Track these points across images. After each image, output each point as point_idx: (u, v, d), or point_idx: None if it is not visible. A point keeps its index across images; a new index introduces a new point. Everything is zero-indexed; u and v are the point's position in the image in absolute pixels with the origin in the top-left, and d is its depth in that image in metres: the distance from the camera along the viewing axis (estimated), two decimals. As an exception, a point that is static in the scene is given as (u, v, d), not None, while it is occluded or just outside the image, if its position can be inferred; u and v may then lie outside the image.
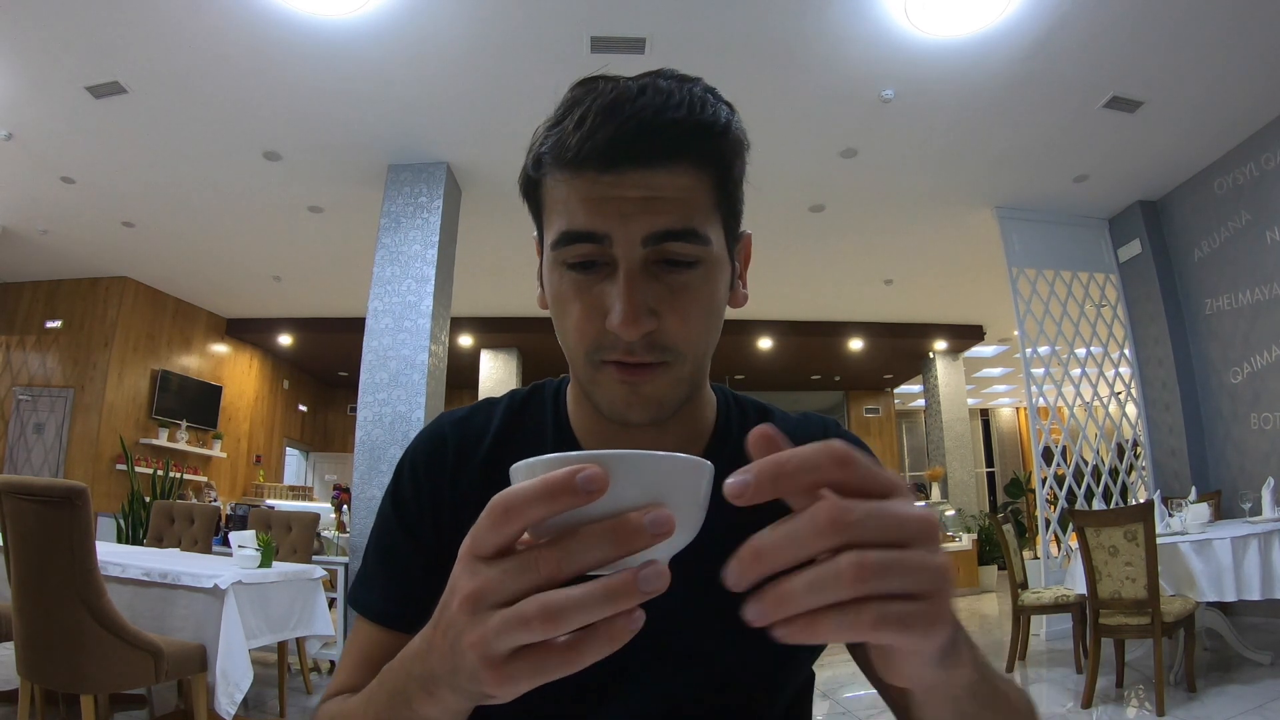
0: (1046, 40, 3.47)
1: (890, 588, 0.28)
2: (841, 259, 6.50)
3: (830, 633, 0.28)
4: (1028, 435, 13.06)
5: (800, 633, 0.29)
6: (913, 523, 0.29)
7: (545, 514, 0.30)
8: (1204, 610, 3.44)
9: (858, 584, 0.28)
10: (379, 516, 0.64)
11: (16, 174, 4.81)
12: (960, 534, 7.54)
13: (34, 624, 2.11)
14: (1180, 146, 4.49)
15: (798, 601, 0.28)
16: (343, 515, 5.71)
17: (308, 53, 3.58)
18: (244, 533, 2.93)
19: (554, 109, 0.53)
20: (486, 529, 0.31)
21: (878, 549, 0.28)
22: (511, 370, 8.84)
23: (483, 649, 0.31)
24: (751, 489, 0.29)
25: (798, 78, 3.81)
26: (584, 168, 0.49)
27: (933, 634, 0.29)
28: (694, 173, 0.50)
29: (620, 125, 0.48)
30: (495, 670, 0.31)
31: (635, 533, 0.29)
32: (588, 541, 0.29)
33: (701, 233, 0.50)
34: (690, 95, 0.50)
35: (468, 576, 0.32)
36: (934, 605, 0.29)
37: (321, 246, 6.12)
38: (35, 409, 6.64)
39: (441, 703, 0.36)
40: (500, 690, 0.31)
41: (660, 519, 0.29)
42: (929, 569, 0.29)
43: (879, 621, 0.28)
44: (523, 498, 0.30)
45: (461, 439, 0.64)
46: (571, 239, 0.50)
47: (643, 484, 0.30)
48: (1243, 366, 4.49)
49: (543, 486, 0.29)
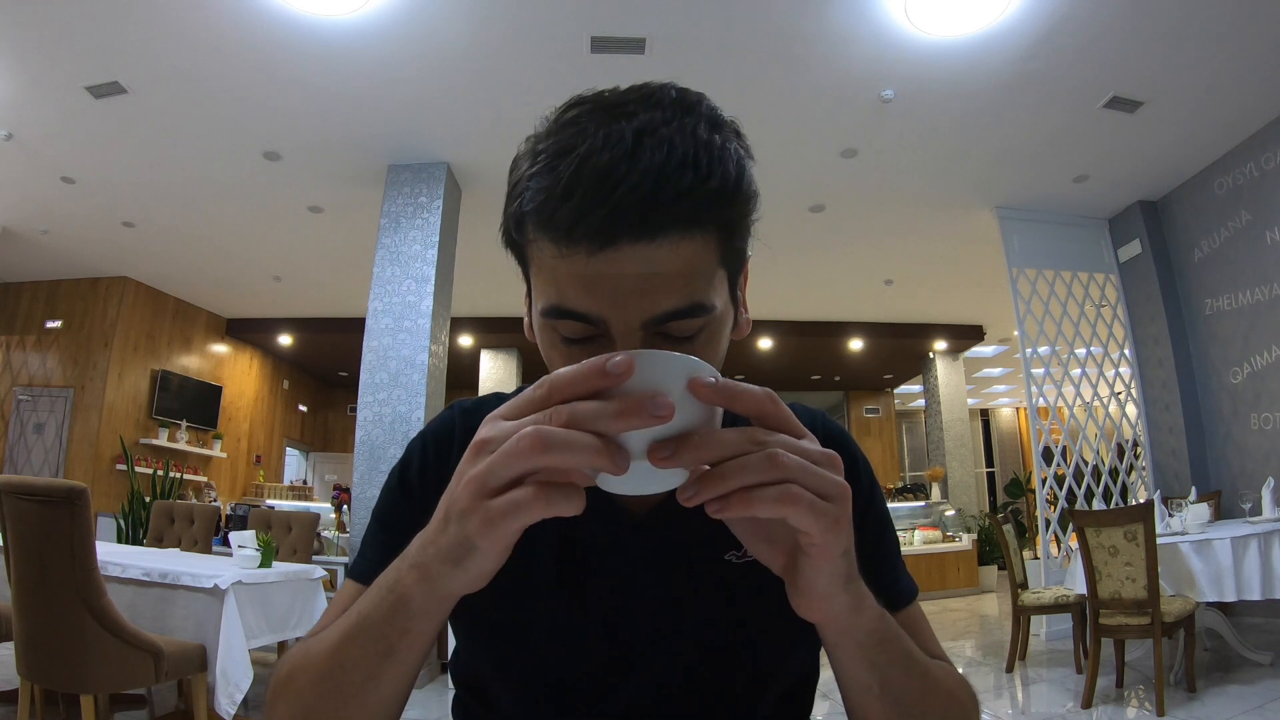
0: (1046, 40, 3.47)
1: (804, 481, 0.36)
2: (841, 259, 6.50)
3: (759, 505, 0.35)
4: (1028, 435, 13.06)
5: (736, 506, 0.36)
6: (819, 454, 0.38)
7: (581, 392, 0.35)
8: (1204, 610, 3.44)
9: (779, 468, 0.36)
10: (383, 490, 0.65)
11: (16, 174, 4.81)
12: (960, 534, 7.54)
13: (34, 624, 2.11)
14: (1180, 146, 4.49)
15: (732, 478, 0.35)
16: (343, 515, 5.71)
17: (308, 52, 3.58)
18: (244, 533, 2.93)
19: (539, 122, 0.49)
20: (524, 395, 0.37)
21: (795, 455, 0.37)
22: (511, 370, 8.84)
23: (479, 482, 0.35)
24: (712, 390, 0.36)
25: (798, 78, 3.81)
26: (574, 245, 0.43)
27: (838, 532, 0.38)
28: (699, 240, 0.45)
29: (618, 201, 0.42)
30: (483, 505, 0.35)
31: (636, 408, 0.34)
32: (595, 407, 0.34)
33: (706, 304, 0.46)
34: (695, 147, 0.43)
35: (485, 430, 0.37)
36: (837, 507, 0.37)
37: (321, 246, 6.12)
38: (35, 409, 6.64)
39: (428, 577, 0.40)
40: (483, 533, 0.36)
41: (660, 404, 0.34)
42: (834, 480, 0.37)
43: (798, 498, 0.36)
44: (564, 377, 0.36)
45: (468, 426, 0.64)
46: (563, 315, 0.46)
47: (659, 376, 0.36)
48: (1243, 366, 4.49)
49: (579, 368, 0.35)
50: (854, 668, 0.46)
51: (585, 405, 0.34)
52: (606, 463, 0.34)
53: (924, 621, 0.64)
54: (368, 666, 0.44)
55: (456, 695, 0.66)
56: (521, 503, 0.34)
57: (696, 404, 0.37)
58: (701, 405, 0.37)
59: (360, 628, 0.44)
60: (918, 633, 0.61)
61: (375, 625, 0.43)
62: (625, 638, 0.57)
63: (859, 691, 0.48)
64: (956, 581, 7.14)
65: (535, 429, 0.34)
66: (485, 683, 0.61)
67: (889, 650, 0.46)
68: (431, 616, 0.42)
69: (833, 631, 0.45)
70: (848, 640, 0.45)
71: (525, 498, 0.34)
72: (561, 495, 0.35)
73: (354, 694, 0.45)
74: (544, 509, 0.34)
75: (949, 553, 7.23)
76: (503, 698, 0.60)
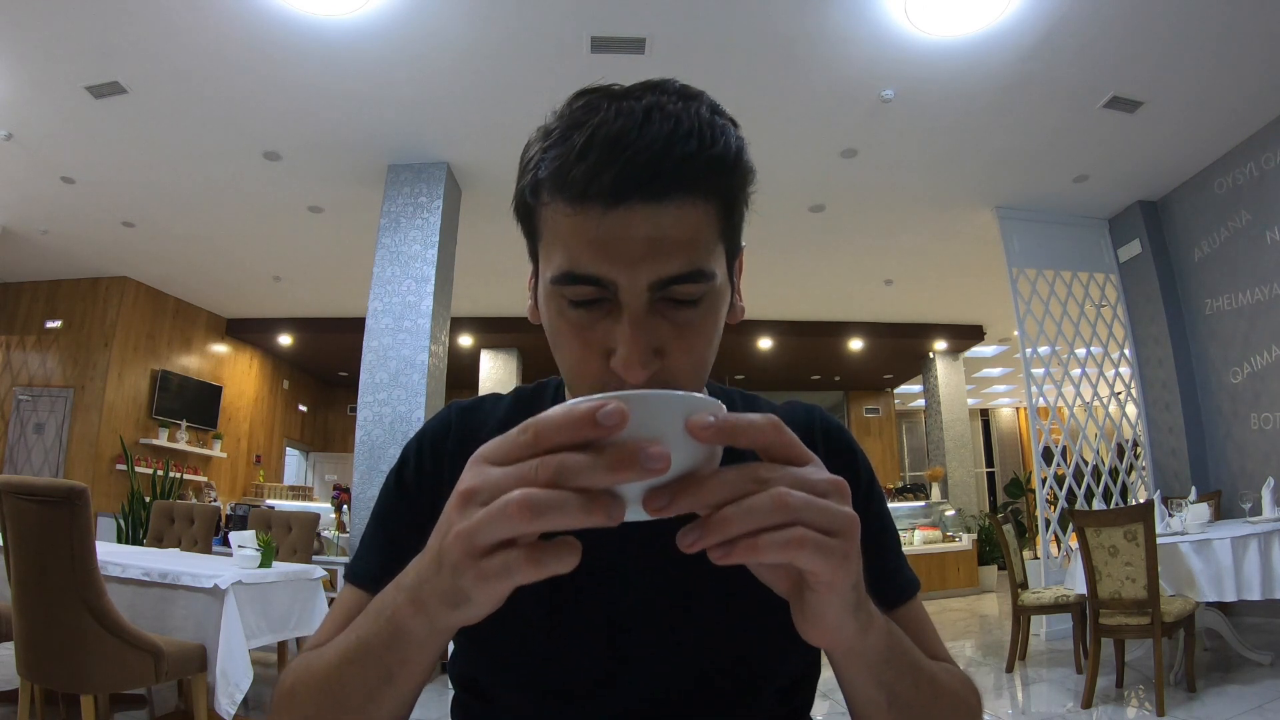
0: (1046, 40, 3.47)
1: (810, 519, 0.34)
2: (841, 259, 6.50)
3: (765, 550, 0.34)
4: (1028, 435, 13.06)
5: (740, 553, 0.34)
6: (825, 482, 0.36)
7: (566, 441, 0.33)
8: (1204, 610, 3.44)
9: (784, 510, 0.34)
10: (381, 490, 0.66)
11: (16, 174, 4.82)
12: (960, 534, 7.54)
13: (34, 624, 2.11)
14: (1180, 146, 4.49)
15: (735, 523, 0.33)
16: (343, 515, 5.71)
17: (308, 53, 3.58)
18: (244, 533, 2.93)
19: (549, 116, 0.51)
20: (509, 440, 0.34)
21: (799, 492, 0.35)
22: (511, 370, 8.84)
23: (467, 539, 0.34)
24: (713, 430, 0.34)
25: (798, 78, 3.81)
26: (588, 204, 0.46)
27: (846, 567, 0.36)
28: (702, 206, 0.48)
29: (628, 161, 0.45)
30: (474, 564, 0.34)
31: (628, 462, 0.32)
32: (586, 461, 0.32)
33: (708, 271, 0.49)
34: (699, 122, 0.47)
35: (471, 476, 0.35)
36: (844, 542, 0.35)
37: (321, 246, 6.12)
38: (35, 409, 6.64)
39: (424, 612, 0.38)
40: (476, 588, 0.34)
41: (655, 454, 0.32)
42: (840, 513, 0.36)
43: (804, 540, 0.34)
44: (549, 422, 0.33)
45: (464, 426, 0.66)
46: (573, 280, 0.48)
47: (654, 420, 0.34)
48: (1243, 366, 4.49)
49: (567, 416, 0.32)
50: (861, 685, 0.47)
51: (574, 459, 0.32)
52: (600, 519, 0.32)
53: (926, 620, 0.64)
54: (368, 689, 0.44)
55: (456, 695, 0.66)
56: (513, 567, 0.33)
57: (696, 443, 0.34)
58: (701, 444, 0.35)
59: (359, 652, 0.44)
60: (920, 632, 0.61)
61: (374, 651, 0.43)
62: (624, 637, 0.57)
63: (866, 705, 0.48)
64: (956, 581, 7.14)
65: (523, 494, 0.32)
66: (484, 683, 0.61)
67: (896, 665, 0.46)
68: (430, 646, 0.42)
69: (840, 653, 0.44)
70: (855, 660, 0.45)
71: (516, 562, 0.33)
72: (554, 556, 0.33)
73: (356, 711, 0.46)
74: (536, 572, 0.33)
75: (949, 553, 7.23)
76: (501, 697, 0.60)
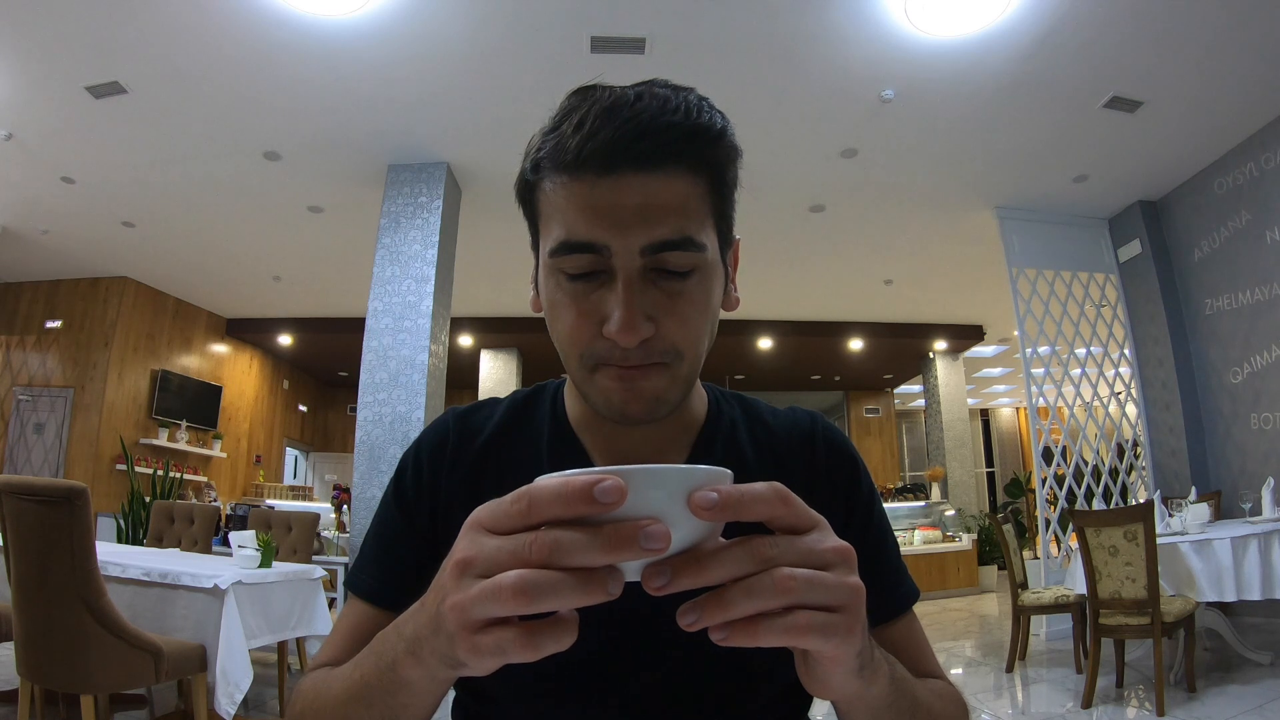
0: (1046, 40, 3.47)
1: (813, 599, 0.34)
2: (841, 259, 6.50)
3: (766, 635, 0.33)
4: (1028, 435, 13.06)
5: (740, 635, 0.33)
6: (830, 551, 0.35)
7: (560, 514, 0.32)
8: (1204, 610, 3.44)
9: (786, 593, 0.33)
10: (381, 501, 0.67)
11: (16, 174, 4.81)
12: (960, 534, 7.53)
13: (34, 624, 2.11)
14: (1180, 146, 4.49)
15: (735, 606, 0.33)
16: (343, 515, 5.71)
17: (308, 53, 3.58)
18: (244, 533, 2.92)
19: (550, 116, 0.53)
20: (503, 508, 0.34)
21: (802, 569, 0.34)
22: (511, 370, 8.84)
23: (460, 614, 0.33)
24: (716, 509, 0.32)
25: (798, 78, 3.81)
26: (583, 170, 0.49)
27: (850, 641, 0.35)
28: (690, 178, 0.51)
29: (619, 127, 0.48)
30: (468, 638, 0.33)
31: (627, 541, 0.31)
32: (582, 541, 0.31)
33: (698, 240, 0.51)
34: (686, 102, 0.51)
35: (467, 543, 0.34)
36: (848, 617, 0.35)
37: (321, 246, 6.12)
38: (35, 409, 6.64)
39: (423, 665, 0.38)
40: (471, 660, 0.34)
41: (655, 534, 0.31)
42: (844, 587, 0.35)
43: (807, 626, 0.33)
44: (544, 494, 0.32)
45: (462, 432, 0.66)
46: (570, 249, 0.51)
47: (654, 495, 0.32)
48: (1243, 366, 4.49)
49: (562, 489, 0.31)
50: None
51: (569, 538, 0.31)
52: (598, 597, 0.31)
53: (921, 636, 0.65)
54: None
55: (456, 696, 0.66)
56: (507, 647, 0.32)
57: (697, 519, 0.33)
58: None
59: (363, 693, 0.44)
60: (915, 648, 0.63)
61: (377, 695, 0.43)
62: (622, 637, 0.57)
63: None
64: (956, 581, 7.14)
65: (518, 577, 0.31)
66: (484, 682, 0.61)
67: (898, 706, 0.47)
68: (432, 694, 0.42)
69: (844, 704, 0.46)
70: (859, 707, 0.45)
71: (510, 643, 0.32)
72: (550, 637, 0.32)
73: None
74: (532, 652, 0.32)
75: (949, 553, 7.22)
76: (501, 697, 0.60)
